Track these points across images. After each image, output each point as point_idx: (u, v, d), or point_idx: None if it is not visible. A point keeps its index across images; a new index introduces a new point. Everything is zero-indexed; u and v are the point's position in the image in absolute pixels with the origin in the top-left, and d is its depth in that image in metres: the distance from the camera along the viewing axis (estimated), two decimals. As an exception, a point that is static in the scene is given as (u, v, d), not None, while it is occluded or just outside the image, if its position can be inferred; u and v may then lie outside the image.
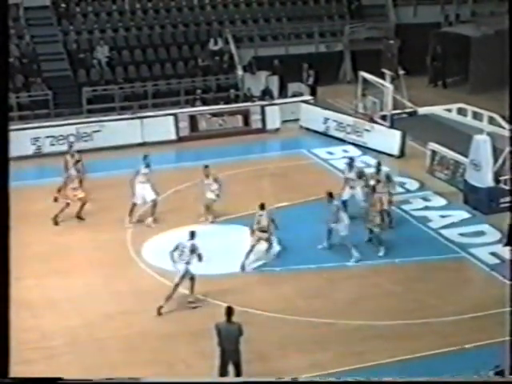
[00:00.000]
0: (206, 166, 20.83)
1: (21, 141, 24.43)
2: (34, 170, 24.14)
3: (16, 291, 17.86)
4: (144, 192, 20.66)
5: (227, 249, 19.55)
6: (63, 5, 31.56)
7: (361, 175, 20.85)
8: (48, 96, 28.48)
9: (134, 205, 20.72)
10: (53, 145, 26.03)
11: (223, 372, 13.86)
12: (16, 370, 14.41)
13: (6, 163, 7.16)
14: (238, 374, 13.87)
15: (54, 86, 28.88)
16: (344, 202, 20.26)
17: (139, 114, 27.82)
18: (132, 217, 20.77)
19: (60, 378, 7.95)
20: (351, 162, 21.12)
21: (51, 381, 7.89)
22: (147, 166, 20.99)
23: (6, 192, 7.07)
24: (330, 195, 19.22)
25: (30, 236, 19.16)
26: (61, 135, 26.12)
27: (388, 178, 20.39)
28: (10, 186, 7.34)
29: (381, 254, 18.73)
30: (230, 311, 13.93)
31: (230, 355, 13.85)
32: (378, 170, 20.60)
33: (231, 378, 13.66)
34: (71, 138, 25.67)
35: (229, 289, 17.30)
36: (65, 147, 24.35)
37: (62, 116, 27.91)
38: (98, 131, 26.49)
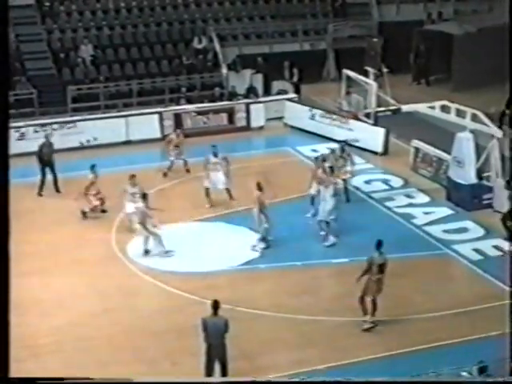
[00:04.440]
0: (133, 176, 20.58)
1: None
2: (21, 168, 24.08)
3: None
4: (216, 179, 21.50)
5: (212, 246, 19.64)
6: (47, 3, 31.50)
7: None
8: (33, 95, 28.45)
9: (207, 189, 21.53)
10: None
11: (209, 368, 13.85)
12: (3, 368, 14.30)
13: (6, 162, 7.14)
14: (224, 370, 13.91)
15: (38, 84, 28.81)
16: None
17: (124, 113, 27.89)
18: (209, 199, 21.55)
19: (58, 378, 7.98)
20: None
21: (50, 380, 7.94)
22: (215, 155, 21.71)
23: (6, 191, 7.05)
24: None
25: (14, 235, 19.15)
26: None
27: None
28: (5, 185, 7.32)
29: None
30: (216, 305, 13.93)
31: (216, 351, 13.82)
32: None
33: (224, 378, 13.64)
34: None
35: (214, 286, 17.35)
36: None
37: (47, 114, 27.89)
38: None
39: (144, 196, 19.28)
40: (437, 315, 16.43)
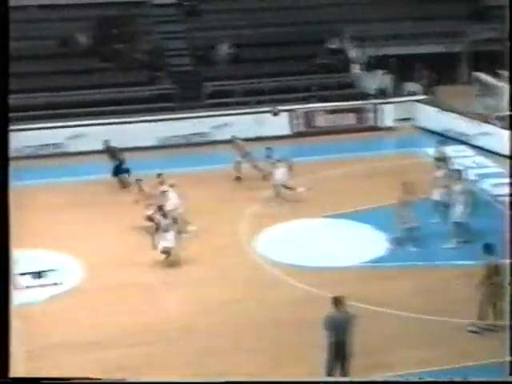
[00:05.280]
0: (160, 175, 20.98)
1: (145, 133, 25.84)
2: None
3: (134, 275, 18.89)
4: (276, 176, 22.36)
5: (338, 242, 20.00)
6: (189, 2, 32.70)
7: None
8: (173, 90, 29.60)
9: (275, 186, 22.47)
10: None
11: (331, 364, 13.74)
12: (128, 352, 15.35)
13: (6, 164, 7.62)
14: (346, 367, 13.75)
15: (178, 80, 30.00)
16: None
17: (255, 109, 28.58)
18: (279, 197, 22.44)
19: (61, 378, 8.33)
20: None
21: (53, 380, 8.35)
22: (268, 157, 22.54)
23: (5, 190, 7.55)
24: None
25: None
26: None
27: None
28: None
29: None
30: (338, 301, 13.78)
31: (339, 347, 13.69)
32: None
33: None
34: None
35: (339, 281, 17.48)
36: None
37: (185, 110, 28.94)
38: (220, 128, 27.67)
39: (160, 208, 19.29)
40: None
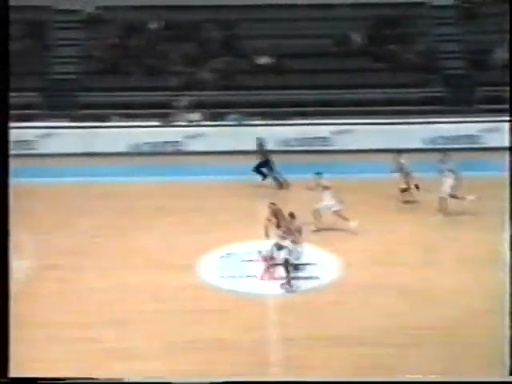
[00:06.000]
0: (318, 174, 20.92)
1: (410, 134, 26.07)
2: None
3: (390, 275, 18.95)
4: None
5: None
6: (469, 5, 32.24)
7: None
8: (444, 93, 29.43)
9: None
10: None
11: None
12: (376, 351, 15.43)
13: (6, 163, 7.79)
14: None
15: (450, 83, 29.83)
16: None
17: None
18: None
19: (59, 378, 8.37)
20: None
21: (50, 380, 8.41)
22: (442, 162, 22.24)
23: (6, 190, 7.68)
24: None
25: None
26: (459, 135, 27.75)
27: None
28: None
29: None
30: None
31: None
32: None
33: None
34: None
35: None
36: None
37: (454, 114, 28.65)
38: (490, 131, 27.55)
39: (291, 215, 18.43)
40: None
